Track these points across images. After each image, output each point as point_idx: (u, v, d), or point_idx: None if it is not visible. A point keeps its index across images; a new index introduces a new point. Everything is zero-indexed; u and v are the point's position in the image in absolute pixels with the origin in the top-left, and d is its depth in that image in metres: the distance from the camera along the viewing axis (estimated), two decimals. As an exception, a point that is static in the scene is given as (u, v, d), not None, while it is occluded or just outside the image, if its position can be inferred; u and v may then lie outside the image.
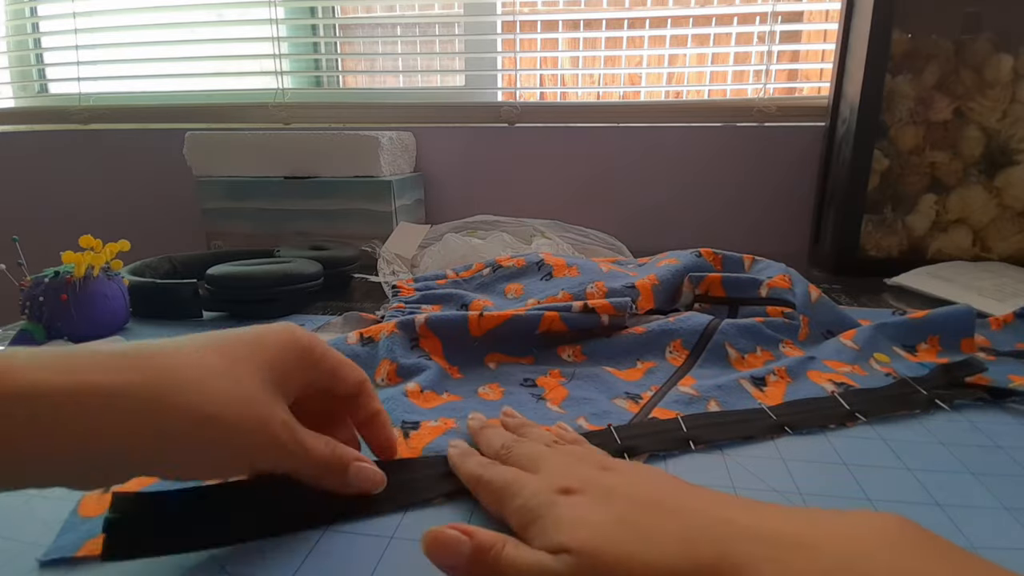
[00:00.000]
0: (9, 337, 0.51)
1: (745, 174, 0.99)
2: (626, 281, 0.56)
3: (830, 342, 0.50)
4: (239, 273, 0.62)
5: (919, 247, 0.80)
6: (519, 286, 0.61)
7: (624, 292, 0.55)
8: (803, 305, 0.52)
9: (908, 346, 0.50)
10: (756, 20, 1.02)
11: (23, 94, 1.28)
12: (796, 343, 0.50)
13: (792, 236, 0.98)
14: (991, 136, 0.76)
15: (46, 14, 1.22)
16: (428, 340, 0.47)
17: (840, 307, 0.57)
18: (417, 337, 0.47)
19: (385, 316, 0.56)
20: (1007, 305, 0.61)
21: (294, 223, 0.95)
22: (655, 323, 0.51)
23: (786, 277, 0.55)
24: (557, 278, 0.60)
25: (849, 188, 0.79)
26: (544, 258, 0.63)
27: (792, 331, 0.51)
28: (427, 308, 0.56)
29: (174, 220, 1.14)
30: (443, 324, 0.48)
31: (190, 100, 1.18)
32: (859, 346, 0.49)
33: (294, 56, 1.19)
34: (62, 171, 1.18)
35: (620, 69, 1.11)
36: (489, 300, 0.58)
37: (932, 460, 0.34)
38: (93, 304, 0.52)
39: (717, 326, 0.49)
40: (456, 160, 1.06)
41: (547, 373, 0.46)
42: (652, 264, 0.63)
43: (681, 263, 0.60)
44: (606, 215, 1.01)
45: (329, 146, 0.92)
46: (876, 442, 0.36)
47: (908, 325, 0.51)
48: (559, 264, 0.62)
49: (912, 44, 0.76)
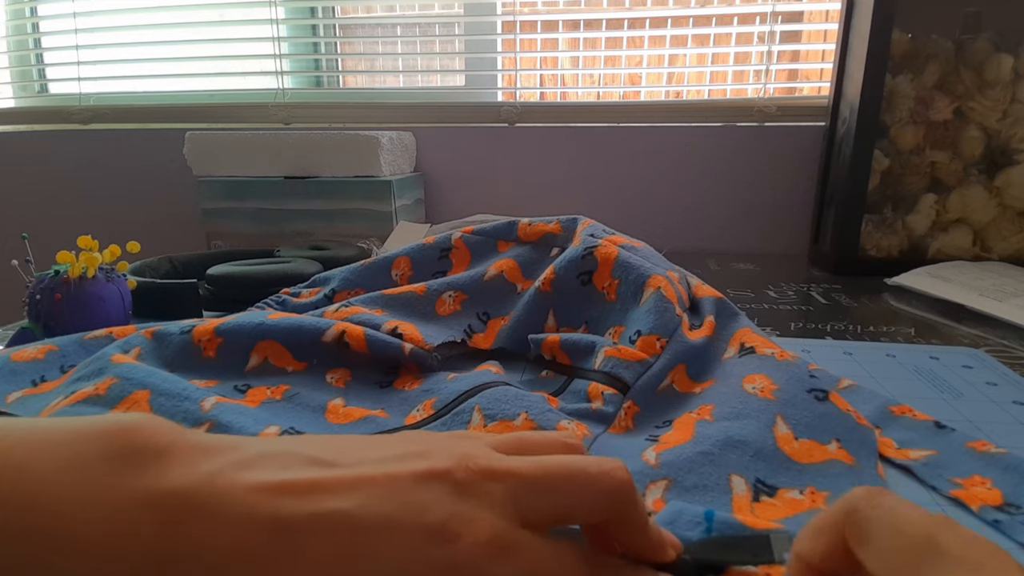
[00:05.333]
0: (8, 336, 0.51)
1: (745, 174, 0.99)
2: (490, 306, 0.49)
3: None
4: (239, 273, 0.62)
5: (919, 247, 0.80)
6: (407, 261, 0.54)
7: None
8: (644, 389, 0.39)
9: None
10: (756, 20, 1.02)
11: (23, 94, 1.28)
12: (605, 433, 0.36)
13: (792, 236, 0.98)
14: (991, 136, 0.76)
15: (46, 14, 1.22)
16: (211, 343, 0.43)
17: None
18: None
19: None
20: (1007, 305, 0.61)
21: (294, 223, 0.94)
22: (435, 377, 0.42)
23: (622, 349, 0.41)
24: (452, 275, 0.53)
25: (849, 188, 0.79)
26: (454, 244, 0.55)
27: (600, 420, 0.37)
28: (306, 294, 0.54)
29: (174, 220, 1.14)
30: (235, 324, 0.44)
31: (190, 100, 1.18)
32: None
33: (294, 56, 1.19)
34: (62, 171, 1.18)
35: (620, 69, 1.11)
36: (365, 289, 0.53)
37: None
38: (86, 306, 0.51)
39: (485, 389, 0.38)
40: (456, 160, 1.06)
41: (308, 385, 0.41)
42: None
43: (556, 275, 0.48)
44: (606, 215, 1.01)
45: (329, 146, 0.92)
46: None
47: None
48: (462, 259, 0.54)
49: (912, 44, 0.76)
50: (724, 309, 0.46)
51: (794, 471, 0.31)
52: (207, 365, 0.42)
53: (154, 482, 0.17)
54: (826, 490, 0.30)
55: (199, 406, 0.35)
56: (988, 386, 0.44)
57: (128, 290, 0.57)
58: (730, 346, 0.42)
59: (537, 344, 0.46)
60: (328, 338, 0.42)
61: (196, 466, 0.18)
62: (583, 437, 0.35)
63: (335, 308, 0.48)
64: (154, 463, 0.18)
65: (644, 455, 0.32)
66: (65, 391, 0.36)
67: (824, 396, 0.35)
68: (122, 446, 0.18)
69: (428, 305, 0.49)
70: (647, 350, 0.41)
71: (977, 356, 0.50)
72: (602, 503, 0.21)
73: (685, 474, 0.30)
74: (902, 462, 0.33)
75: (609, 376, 0.40)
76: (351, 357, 0.43)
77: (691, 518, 0.25)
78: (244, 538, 0.17)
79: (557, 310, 0.48)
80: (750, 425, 0.33)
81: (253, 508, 0.17)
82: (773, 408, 0.34)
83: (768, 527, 0.25)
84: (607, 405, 0.38)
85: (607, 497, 0.21)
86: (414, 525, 0.18)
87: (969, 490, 0.30)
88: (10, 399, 0.37)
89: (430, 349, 0.44)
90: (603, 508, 0.21)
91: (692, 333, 0.43)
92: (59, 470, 0.17)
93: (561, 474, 0.20)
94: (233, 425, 0.33)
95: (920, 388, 0.44)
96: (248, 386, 0.40)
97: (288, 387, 0.40)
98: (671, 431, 0.35)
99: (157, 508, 0.17)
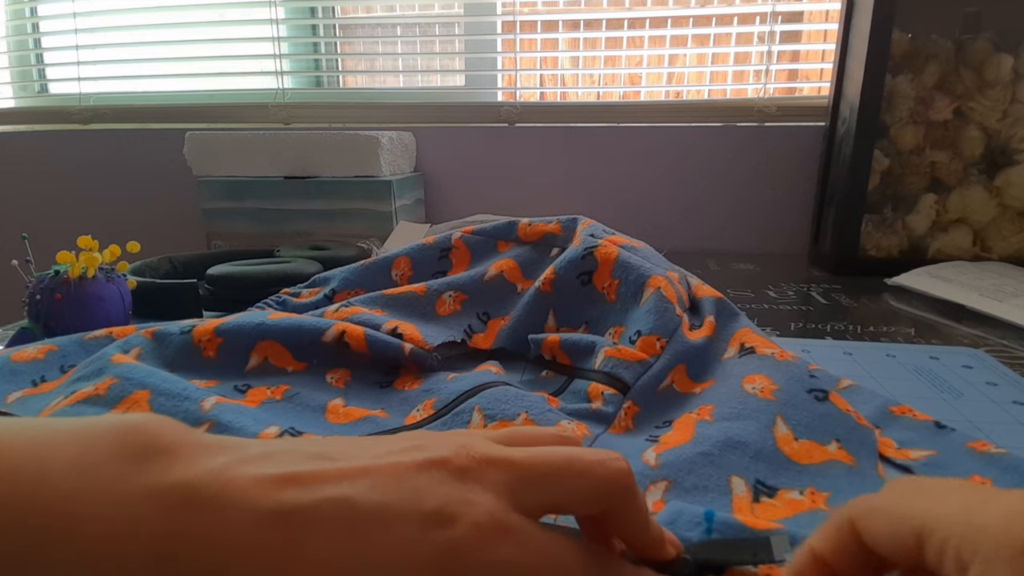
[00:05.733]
0: (9, 336, 0.51)
1: (745, 174, 0.99)
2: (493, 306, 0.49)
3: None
4: (239, 273, 0.62)
5: (919, 247, 0.80)
6: (407, 261, 0.54)
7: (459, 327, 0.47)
8: (644, 389, 0.39)
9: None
10: (756, 20, 1.02)
11: (23, 94, 1.28)
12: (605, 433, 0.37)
13: (792, 236, 0.98)
14: (991, 136, 0.76)
15: (46, 14, 1.22)
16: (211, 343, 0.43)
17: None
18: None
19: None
20: (1007, 305, 0.61)
21: (294, 223, 0.94)
22: (435, 377, 0.42)
23: (622, 349, 0.41)
24: (452, 275, 0.53)
25: (849, 188, 0.79)
26: (454, 244, 0.55)
27: (600, 420, 0.37)
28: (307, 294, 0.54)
29: (174, 220, 1.14)
30: (235, 324, 0.44)
31: (190, 100, 1.18)
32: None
33: (294, 56, 1.19)
34: (62, 171, 1.18)
35: (620, 69, 1.11)
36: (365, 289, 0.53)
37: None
38: (86, 306, 0.51)
39: (485, 389, 0.38)
40: (456, 160, 1.06)
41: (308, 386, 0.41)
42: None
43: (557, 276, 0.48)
44: (606, 215, 1.00)
45: (329, 146, 0.92)
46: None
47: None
48: (462, 259, 0.54)
49: (912, 44, 0.76)
50: (724, 309, 0.46)
51: (794, 472, 0.31)
52: (207, 365, 0.42)
53: (159, 476, 0.17)
54: (826, 491, 0.30)
55: (199, 406, 0.35)
56: (988, 386, 0.44)
57: (128, 290, 0.57)
58: (730, 346, 0.42)
59: (537, 344, 0.46)
60: (328, 338, 0.42)
61: (200, 461, 0.18)
62: (583, 437, 0.35)
63: (335, 308, 0.48)
64: (159, 459, 0.18)
65: (644, 456, 0.32)
66: (65, 391, 0.37)
67: (824, 396, 0.35)
68: (127, 444, 0.18)
69: (428, 305, 0.49)
70: (647, 350, 0.41)
71: (977, 356, 0.50)
72: (599, 492, 0.21)
73: (685, 475, 0.30)
74: (902, 462, 0.33)
75: (609, 376, 0.40)
76: (351, 357, 0.43)
77: (691, 518, 0.25)
78: (248, 527, 0.17)
79: (557, 310, 0.48)
80: (750, 426, 0.33)
81: (257, 498, 0.17)
82: (773, 408, 0.34)
83: (768, 527, 0.25)
84: (607, 405, 0.38)
85: (604, 486, 0.21)
86: (413, 509, 0.18)
87: None
88: (10, 399, 0.37)
89: (430, 349, 0.44)
90: (600, 497, 0.21)
91: (692, 333, 0.43)
92: (67, 468, 0.17)
93: (557, 463, 0.21)
94: (233, 425, 0.33)
95: (920, 388, 0.44)
96: (248, 386, 0.40)
97: (288, 387, 0.40)
98: (671, 431, 0.35)
99: (162, 500, 0.17)
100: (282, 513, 0.17)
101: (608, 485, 0.21)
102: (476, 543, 0.18)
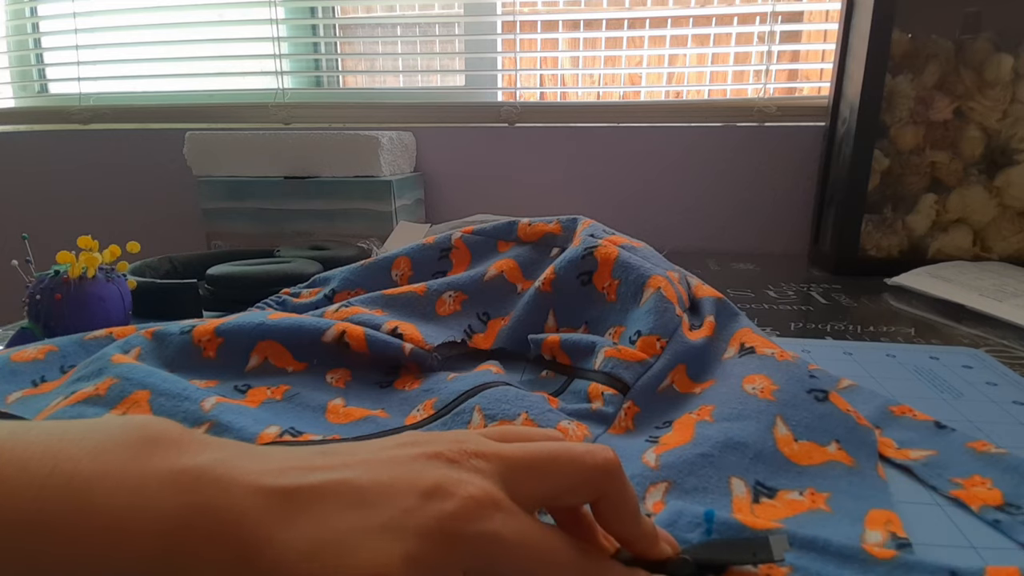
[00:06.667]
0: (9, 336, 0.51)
1: (745, 174, 0.99)
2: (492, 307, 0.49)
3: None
4: (239, 273, 0.62)
5: (919, 247, 0.80)
6: (407, 261, 0.55)
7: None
8: (644, 389, 0.39)
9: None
10: (756, 20, 1.02)
11: (23, 94, 1.28)
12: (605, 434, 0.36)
13: (792, 236, 0.98)
14: (991, 136, 0.76)
15: (46, 14, 1.22)
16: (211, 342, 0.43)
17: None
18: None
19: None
20: (1007, 305, 0.61)
21: (294, 223, 0.94)
22: (435, 377, 0.42)
23: (622, 350, 0.41)
24: (452, 275, 0.53)
25: (849, 188, 0.79)
26: (454, 244, 0.55)
27: (600, 420, 0.37)
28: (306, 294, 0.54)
29: (174, 220, 1.14)
30: (235, 324, 0.44)
31: (190, 100, 1.18)
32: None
33: (294, 56, 1.19)
34: (62, 171, 1.18)
35: (620, 69, 1.11)
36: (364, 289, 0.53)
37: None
38: (86, 306, 0.51)
39: (485, 389, 0.37)
40: (456, 160, 1.06)
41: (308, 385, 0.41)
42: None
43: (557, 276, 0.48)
44: (606, 215, 1.01)
45: (329, 146, 0.92)
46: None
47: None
48: (462, 259, 0.54)
49: (912, 44, 0.76)
50: (724, 309, 0.46)
51: (794, 473, 0.31)
52: (207, 365, 0.42)
53: (171, 461, 0.19)
54: (826, 491, 0.30)
55: (199, 406, 0.35)
56: (988, 386, 0.44)
57: (128, 290, 0.57)
58: (730, 346, 0.42)
59: (537, 344, 0.46)
60: (328, 338, 0.42)
61: (206, 453, 0.20)
62: (583, 437, 0.35)
63: (335, 308, 0.48)
64: (168, 449, 0.19)
65: (644, 457, 0.32)
66: (65, 391, 0.37)
67: (824, 396, 0.35)
68: (140, 436, 0.20)
69: (428, 305, 0.49)
70: (647, 350, 0.41)
71: (977, 356, 0.50)
72: (588, 480, 0.21)
73: (685, 476, 0.30)
74: (902, 462, 0.33)
75: (609, 376, 0.40)
76: (351, 357, 0.43)
77: (691, 519, 0.25)
78: (256, 499, 0.18)
79: (557, 310, 0.48)
80: (750, 426, 0.33)
81: (261, 478, 0.19)
82: (773, 409, 0.34)
83: (768, 527, 0.25)
84: (607, 405, 0.38)
85: (592, 473, 0.21)
86: (411, 487, 0.19)
87: (969, 490, 0.30)
88: (10, 399, 0.37)
89: (430, 349, 0.44)
90: (589, 485, 0.22)
91: (692, 333, 0.43)
92: (82, 453, 0.18)
93: (546, 455, 0.21)
94: (233, 425, 0.33)
95: (920, 388, 0.44)
96: (248, 386, 0.40)
97: (288, 387, 0.40)
98: (671, 432, 0.35)
99: (175, 479, 0.18)
100: (287, 489, 0.19)
101: (596, 472, 0.21)
102: (472, 512, 0.19)
